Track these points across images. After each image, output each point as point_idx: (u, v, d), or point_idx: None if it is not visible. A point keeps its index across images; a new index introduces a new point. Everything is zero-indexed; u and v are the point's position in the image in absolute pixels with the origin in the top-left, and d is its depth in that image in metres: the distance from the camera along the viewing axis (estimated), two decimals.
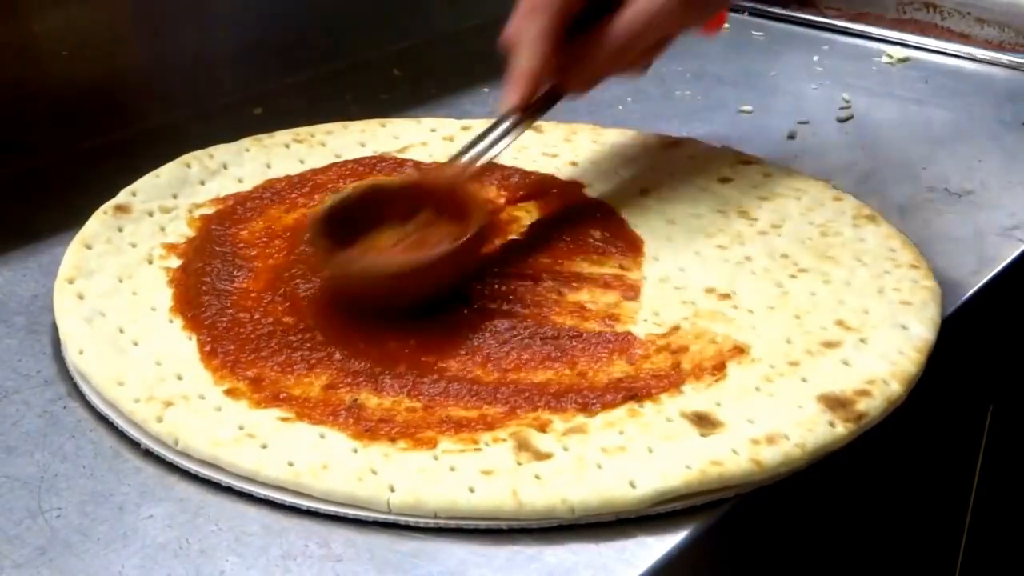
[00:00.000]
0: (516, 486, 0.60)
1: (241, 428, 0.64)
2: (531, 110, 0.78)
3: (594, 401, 0.65)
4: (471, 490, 0.60)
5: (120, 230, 0.79)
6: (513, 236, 0.80)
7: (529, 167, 0.88)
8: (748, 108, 1.03)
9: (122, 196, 0.82)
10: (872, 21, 1.19)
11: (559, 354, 0.69)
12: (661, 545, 0.59)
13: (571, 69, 0.77)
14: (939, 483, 0.94)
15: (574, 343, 0.70)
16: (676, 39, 0.80)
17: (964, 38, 1.16)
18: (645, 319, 0.72)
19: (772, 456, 0.62)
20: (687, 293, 0.75)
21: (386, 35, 1.14)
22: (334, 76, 1.08)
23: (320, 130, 0.92)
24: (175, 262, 0.77)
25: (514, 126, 0.77)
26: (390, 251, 0.73)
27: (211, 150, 0.87)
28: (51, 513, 0.60)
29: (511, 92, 0.76)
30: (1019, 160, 0.96)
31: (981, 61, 1.14)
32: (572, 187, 0.86)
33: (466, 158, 0.77)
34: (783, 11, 1.22)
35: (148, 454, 0.64)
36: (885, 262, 0.77)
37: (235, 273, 0.76)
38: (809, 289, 0.75)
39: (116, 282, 0.75)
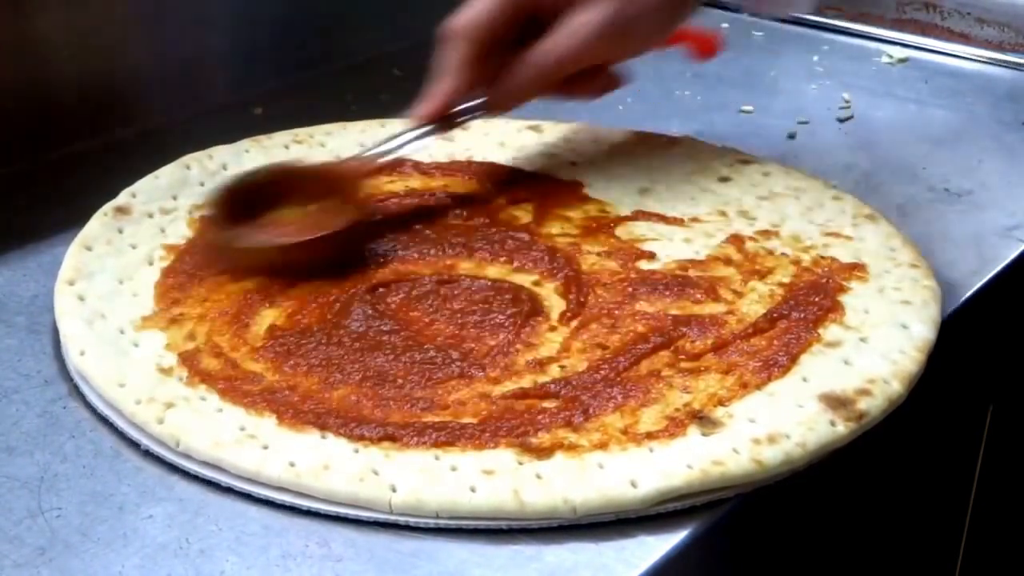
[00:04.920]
0: (517, 486, 0.60)
1: (242, 429, 0.64)
2: (445, 122, 0.82)
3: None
4: (472, 490, 0.60)
5: (120, 232, 0.79)
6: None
7: (529, 167, 0.88)
8: (748, 108, 1.03)
9: (122, 198, 0.82)
10: (872, 21, 1.19)
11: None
12: (661, 545, 0.59)
13: (493, 88, 0.81)
14: (939, 483, 0.94)
15: None
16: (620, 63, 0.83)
17: (964, 38, 1.16)
18: None
19: (773, 455, 0.62)
20: None
21: (386, 35, 1.14)
22: (334, 76, 1.08)
23: (319, 131, 0.92)
24: None
25: (422, 134, 0.82)
26: (276, 229, 0.77)
27: (211, 151, 0.87)
28: (51, 513, 0.60)
29: (421, 106, 0.81)
30: (1019, 160, 0.96)
31: (981, 61, 1.14)
32: (572, 187, 0.86)
33: (368, 154, 0.81)
34: None
35: (148, 454, 0.64)
36: (885, 261, 0.77)
37: None
38: None
39: (116, 283, 0.75)
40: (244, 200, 0.78)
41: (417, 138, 0.82)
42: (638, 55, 0.83)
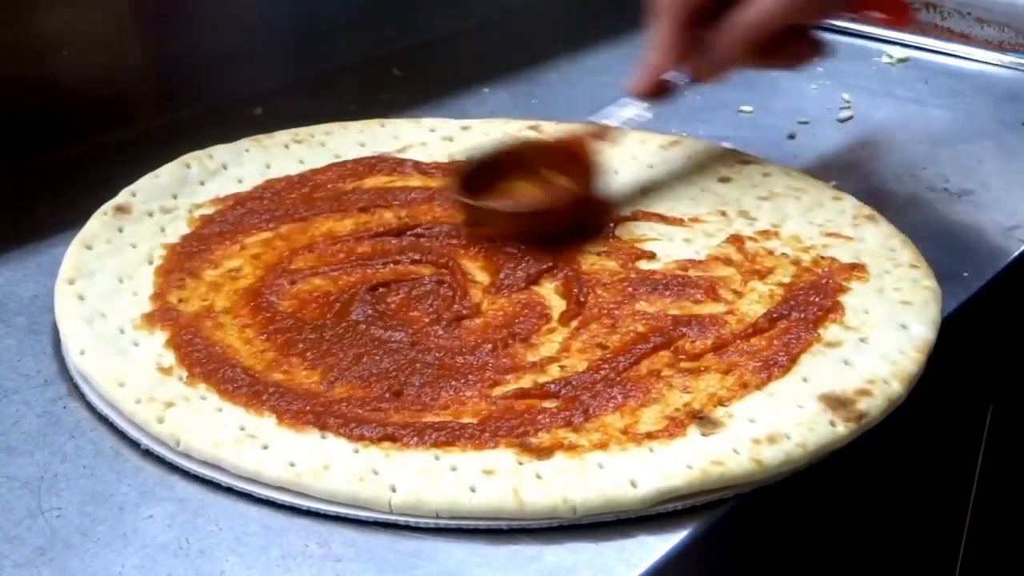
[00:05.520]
0: (517, 486, 0.60)
1: (242, 429, 0.64)
2: (658, 93, 0.84)
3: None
4: (472, 490, 0.60)
5: (120, 231, 0.79)
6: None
7: None
8: (748, 108, 1.03)
9: (122, 197, 0.82)
10: (872, 21, 1.19)
11: None
12: (661, 545, 0.59)
13: (700, 58, 0.81)
14: (939, 483, 0.94)
15: None
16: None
17: (964, 38, 1.16)
18: None
19: (773, 456, 0.62)
20: None
21: (386, 35, 1.14)
22: (334, 76, 1.08)
23: (319, 130, 0.92)
24: None
25: (638, 105, 0.84)
26: (520, 196, 0.81)
27: (211, 150, 0.87)
28: (51, 513, 0.60)
29: (637, 81, 0.83)
30: (1019, 160, 0.96)
31: (981, 61, 1.13)
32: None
33: (593, 121, 0.83)
34: None
35: (148, 454, 0.64)
36: (885, 262, 0.77)
37: None
38: None
39: (116, 283, 0.75)
40: (480, 173, 0.81)
41: (635, 107, 0.83)
42: (838, 12, 0.84)
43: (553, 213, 0.80)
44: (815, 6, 0.81)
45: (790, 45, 0.82)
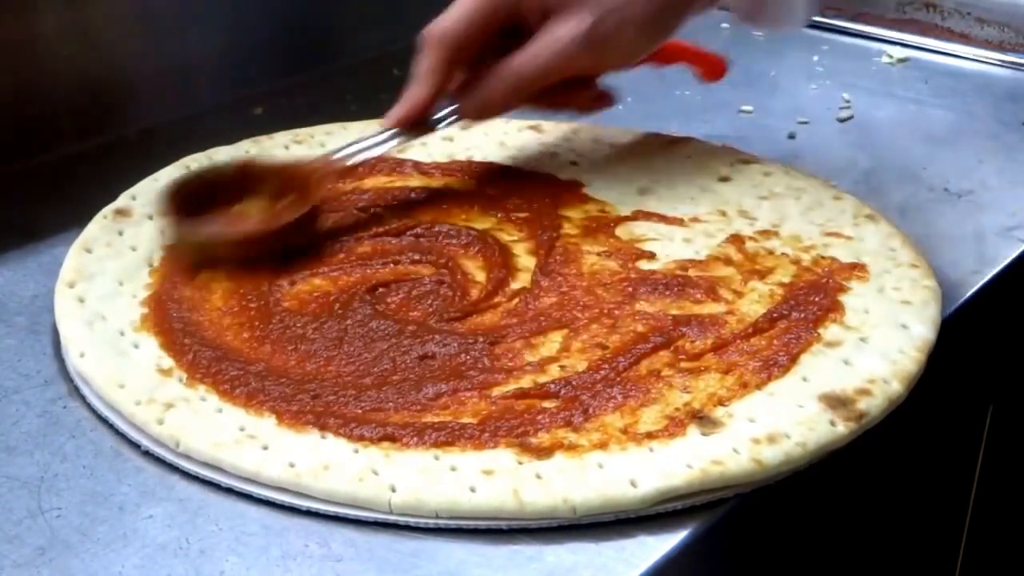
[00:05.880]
0: (517, 486, 0.60)
1: (242, 430, 0.64)
2: (418, 127, 0.82)
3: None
4: (472, 490, 0.60)
5: (120, 234, 0.79)
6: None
7: (529, 167, 0.88)
8: (748, 108, 1.03)
9: (122, 200, 0.82)
10: (872, 21, 1.19)
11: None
12: (661, 545, 0.59)
13: (465, 96, 0.81)
14: (939, 483, 0.94)
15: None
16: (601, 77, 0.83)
17: (964, 38, 1.16)
18: None
19: (773, 455, 0.62)
20: None
21: (386, 35, 1.13)
22: (334, 76, 1.08)
23: (319, 131, 0.92)
24: None
25: (393, 137, 0.82)
26: (232, 223, 0.78)
27: (211, 152, 0.87)
28: (51, 513, 0.60)
29: (395, 111, 0.81)
30: (1019, 160, 0.96)
31: (981, 61, 1.14)
32: (572, 187, 0.86)
33: (337, 155, 0.81)
34: None
35: (148, 454, 0.64)
36: (885, 261, 0.77)
37: None
38: None
39: (117, 285, 0.75)
40: (207, 193, 0.78)
41: (387, 141, 0.82)
42: (621, 69, 0.82)
43: (251, 239, 0.76)
44: (596, 63, 0.81)
45: (574, 93, 0.83)
